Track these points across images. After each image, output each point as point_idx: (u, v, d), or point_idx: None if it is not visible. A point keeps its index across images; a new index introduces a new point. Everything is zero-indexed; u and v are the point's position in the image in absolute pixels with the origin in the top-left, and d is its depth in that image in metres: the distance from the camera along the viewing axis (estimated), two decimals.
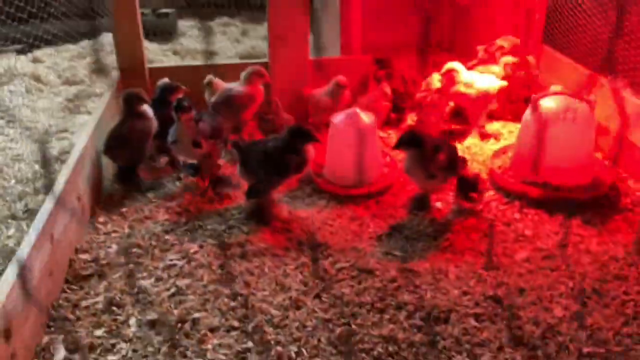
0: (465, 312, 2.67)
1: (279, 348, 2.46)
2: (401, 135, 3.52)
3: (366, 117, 3.96)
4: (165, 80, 4.51)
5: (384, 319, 2.65)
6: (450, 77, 4.50)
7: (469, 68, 4.79)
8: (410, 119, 4.95)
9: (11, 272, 2.37)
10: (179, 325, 2.60)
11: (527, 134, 3.98)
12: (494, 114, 5.01)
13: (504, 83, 4.54)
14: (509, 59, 4.88)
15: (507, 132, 4.82)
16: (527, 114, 3.99)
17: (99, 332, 2.59)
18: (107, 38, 5.61)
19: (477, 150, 4.50)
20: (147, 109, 3.91)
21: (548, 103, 3.88)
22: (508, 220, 3.58)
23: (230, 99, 4.43)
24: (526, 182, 3.85)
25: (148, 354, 2.46)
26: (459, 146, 4.50)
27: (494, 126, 4.93)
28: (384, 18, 6.39)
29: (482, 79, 4.51)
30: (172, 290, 2.83)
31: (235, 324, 2.61)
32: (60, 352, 2.47)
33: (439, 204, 3.76)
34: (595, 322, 2.64)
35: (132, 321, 2.65)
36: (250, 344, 2.49)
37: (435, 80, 4.73)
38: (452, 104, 4.87)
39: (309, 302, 2.76)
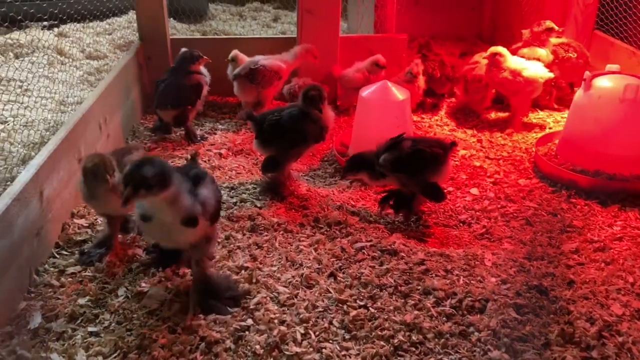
0: (505, 302, 2.28)
1: (282, 328, 2.11)
2: (344, 166, 3.17)
3: (399, 92, 3.60)
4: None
5: (407, 304, 2.27)
6: (495, 62, 4.09)
7: (514, 51, 4.39)
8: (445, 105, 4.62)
9: None
10: (171, 297, 2.28)
11: (577, 118, 3.55)
12: (540, 103, 4.60)
13: (551, 75, 4.12)
14: (558, 40, 4.46)
15: (552, 122, 4.40)
16: (579, 95, 3.57)
17: (82, 301, 2.29)
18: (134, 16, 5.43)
19: (519, 137, 4.09)
20: None
21: (603, 82, 3.46)
22: (554, 209, 3.16)
23: (254, 72, 4.13)
24: (575, 170, 3.43)
25: (133, 327, 2.14)
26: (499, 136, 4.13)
27: (539, 115, 4.52)
28: (422, 2, 6.05)
29: (530, 67, 4.10)
30: None
31: None
32: (36, 320, 2.17)
33: (474, 190, 3.38)
34: None
35: (121, 291, 2.34)
36: (250, 322, 2.15)
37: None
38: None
39: (322, 280, 2.41)
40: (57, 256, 2.60)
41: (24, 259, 2.34)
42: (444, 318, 2.21)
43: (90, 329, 2.15)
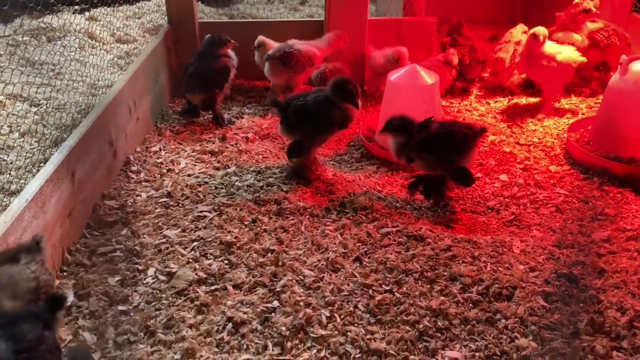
0: (533, 290, 2.25)
1: (308, 310, 2.13)
2: (390, 119, 2.93)
3: (428, 76, 3.55)
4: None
5: (433, 290, 2.26)
6: (535, 44, 3.98)
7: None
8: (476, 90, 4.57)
9: (17, 204, 2.14)
10: (199, 278, 2.31)
11: (612, 103, 3.46)
12: (572, 88, 4.49)
13: (584, 60, 4.01)
14: (594, 25, 4.34)
15: (585, 107, 4.29)
16: (614, 80, 3.47)
17: (113, 281, 2.34)
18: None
19: (551, 123, 4.00)
20: None
21: None
22: (585, 197, 3.10)
23: (288, 55, 4.09)
24: (609, 157, 3.34)
25: (162, 307, 2.19)
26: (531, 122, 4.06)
27: (571, 101, 4.41)
28: None
29: (563, 51, 4.00)
30: (198, 242, 2.54)
31: (262, 281, 2.29)
32: (68, 298, 2.23)
33: (503, 176, 3.33)
34: None
35: (150, 271, 2.39)
36: (276, 304, 2.18)
37: (519, 31, 4.29)
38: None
39: (347, 265, 2.41)
40: (89, 236, 2.66)
41: (57, 238, 2.40)
42: (471, 304, 2.20)
43: (120, 307, 2.20)
